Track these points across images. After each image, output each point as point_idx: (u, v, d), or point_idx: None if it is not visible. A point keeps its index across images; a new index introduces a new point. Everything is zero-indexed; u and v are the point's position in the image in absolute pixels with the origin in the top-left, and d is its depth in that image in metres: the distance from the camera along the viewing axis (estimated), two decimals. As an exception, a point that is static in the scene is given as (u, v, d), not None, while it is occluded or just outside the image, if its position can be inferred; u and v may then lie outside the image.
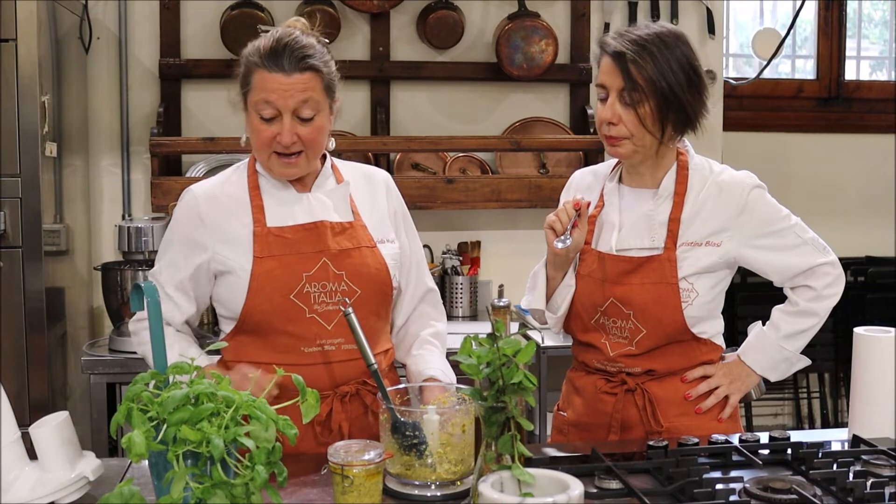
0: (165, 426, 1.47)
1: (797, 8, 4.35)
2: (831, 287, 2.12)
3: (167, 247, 2.10)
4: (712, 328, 2.14)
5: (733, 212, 2.09)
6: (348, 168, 2.17)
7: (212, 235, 2.04)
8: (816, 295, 2.12)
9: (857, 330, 2.07)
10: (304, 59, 1.96)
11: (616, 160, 2.21)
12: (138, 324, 2.10)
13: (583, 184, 2.25)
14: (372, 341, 1.98)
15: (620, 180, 2.18)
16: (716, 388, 2.13)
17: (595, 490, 1.71)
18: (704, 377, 2.14)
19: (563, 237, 2.07)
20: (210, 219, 2.04)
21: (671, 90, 2.01)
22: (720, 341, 2.18)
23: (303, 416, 1.58)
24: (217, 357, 2.07)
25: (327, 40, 2.08)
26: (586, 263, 2.14)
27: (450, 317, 3.81)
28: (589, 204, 2.14)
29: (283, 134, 1.96)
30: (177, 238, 2.08)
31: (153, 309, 1.64)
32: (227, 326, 2.07)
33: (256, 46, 2.00)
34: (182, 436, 1.45)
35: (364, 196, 2.13)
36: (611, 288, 2.09)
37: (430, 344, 2.16)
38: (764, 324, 2.18)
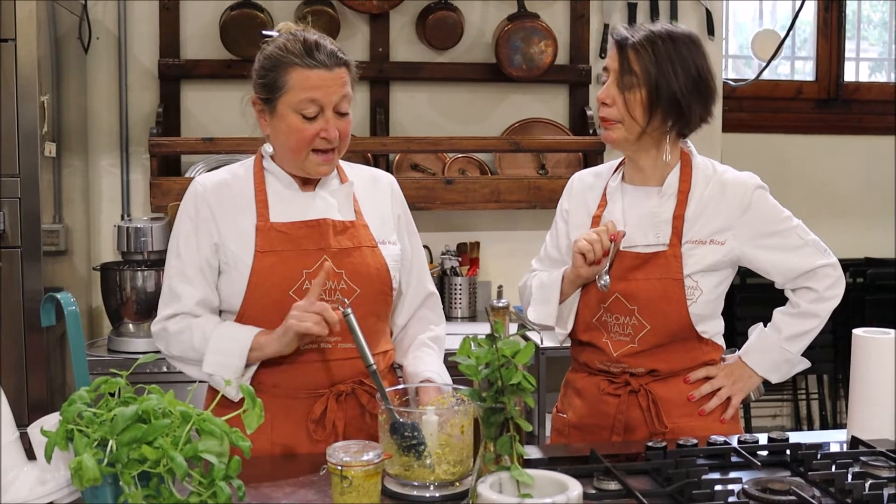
0: (114, 446, 1.39)
1: (796, 9, 4.36)
2: (832, 289, 2.13)
3: (180, 233, 2.06)
4: (714, 328, 2.15)
5: (737, 211, 2.10)
6: (354, 170, 2.18)
7: (218, 225, 2.03)
8: (818, 297, 2.12)
9: (856, 331, 2.07)
10: (337, 54, 1.99)
11: (618, 161, 2.23)
12: (164, 322, 2.03)
13: (584, 185, 2.26)
14: (371, 342, 1.97)
15: (623, 179, 2.19)
16: (719, 390, 2.14)
17: (594, 491, 1.71)
18: (707, 378, 2.14)
19: (603, 280, 2.07)
20: (217, 208, 2.04)
21: (666, 84, 2.03)
22: (721, 342, 2.18)
23: (246, 427, 1.53)
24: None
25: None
26: None
27: (449, 318, 3.81)
28: (624, 234, 2.10)
29: (329, 129, 1.97)
30: (189, 222, 2.05)
31: (73, 319, 1.58)
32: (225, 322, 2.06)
33: (285, 48, 1.97)
34: (138, 455, 1.38)
35: (368, 197, 2.13)
36: (615, 283, 2.09)
37: (427, 347, 2.16)
38: (765, 325, 2.18)
